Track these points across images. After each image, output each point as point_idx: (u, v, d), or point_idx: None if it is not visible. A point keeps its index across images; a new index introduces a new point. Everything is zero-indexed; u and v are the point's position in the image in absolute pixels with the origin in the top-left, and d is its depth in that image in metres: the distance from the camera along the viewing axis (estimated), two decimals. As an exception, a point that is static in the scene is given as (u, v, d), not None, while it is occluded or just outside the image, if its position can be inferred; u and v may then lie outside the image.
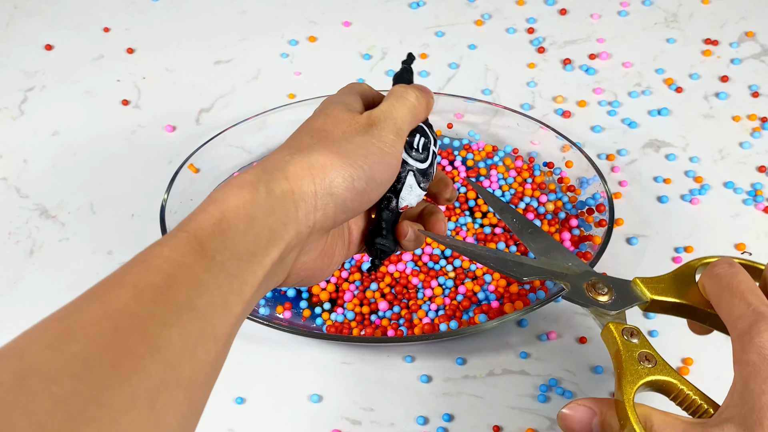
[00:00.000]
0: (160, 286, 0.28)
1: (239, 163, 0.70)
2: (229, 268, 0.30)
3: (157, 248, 0.30)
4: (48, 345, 0.25)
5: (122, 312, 0.27)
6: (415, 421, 0.57)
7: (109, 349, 0.25)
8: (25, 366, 0.24)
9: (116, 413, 0.24)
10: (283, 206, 0.34)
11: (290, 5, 0.86)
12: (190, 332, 0.28)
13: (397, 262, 0.63)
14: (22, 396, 0.23)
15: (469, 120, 0.72)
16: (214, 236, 0.31)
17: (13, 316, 0.63)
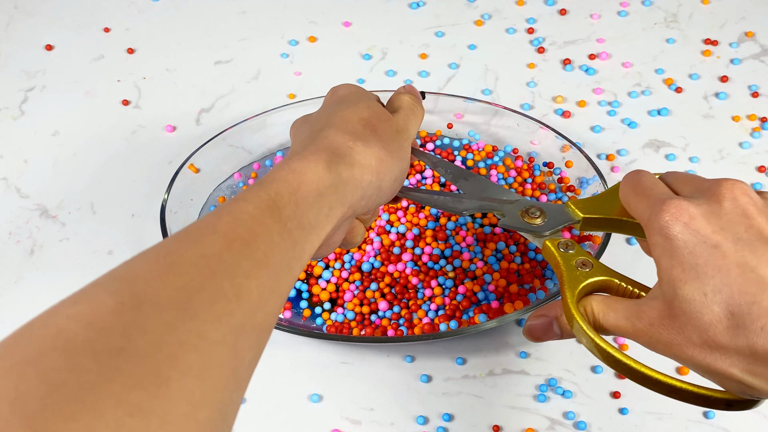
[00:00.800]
0: (246, 240, 0.32)
1: (239, 163, 0.70)
2: (295, 235, 0.35)
3: (242, 204, 0.34)
4: (157, 276, 0.28)
5: (215, 257, 0.30)
6: (415, 421, 0.57)
7: (205, 288, 0.29)
8: (139, 292, 0.27)
9: (211, 345, 0.27)
10: (344, 189, 0.38)
11: (290, 5, 0.86)
12: (265, 286, 0.32)
13: (397, 262, 0.63)
14: (140, 318, 0.26)
15: (469, 120, 0.72)
16: (289, 204, 0.35)
17: (13, 316, 0.63)
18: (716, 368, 0.35)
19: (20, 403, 0.22)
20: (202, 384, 0.26)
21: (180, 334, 0.27)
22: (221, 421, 0.28)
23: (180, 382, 0.25)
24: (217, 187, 0.69)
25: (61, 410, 0.22)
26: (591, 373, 0.59)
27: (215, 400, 0.27)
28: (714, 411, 0.56)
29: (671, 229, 0.36)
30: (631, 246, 0.66)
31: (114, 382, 0.24)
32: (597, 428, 0.56)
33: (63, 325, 0.25)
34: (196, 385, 0.26)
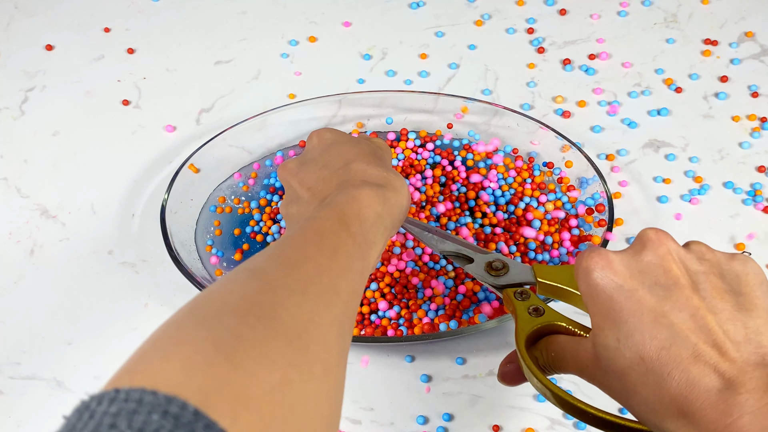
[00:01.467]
0: (332, 249, 0.39)
1: (239, 163, 0.70)
2: (363, 249, 0.42)
3: (320, 221, 0.41)
4: (280, 269, 0.35)
5: (314, 260, 0.37)
6: (415, 420, 0.57)
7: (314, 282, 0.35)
8: (272, 279, 0.34)
9: (327, 326, 0.33)
10: (392, 211, 0.46)
11: (290, 5, 0.86)
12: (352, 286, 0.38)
13: (397, 263, 0.63)
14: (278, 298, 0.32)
15: (469, 120, 0.72)
16: (355, 223, 0.42)
17: (13, 316, 0.63)
18: (641, 415, 0.35)
19: (219, 346, 0.28)
20: (327, 353, 0.32)
21: (306, 314, 0.32)
22: (341, 388, 0.34)
23: (315, 349, 0.31)
24: (217, 187, 0.69)
25: (248, 355, 0.28)
26: (591, 373, 0.59)
27: (336, 368, 0.33)
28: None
29: (591, 274, 0.37)
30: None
31: (276, 340, 0.30)
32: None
33: (225, 297, 0.32)
34: (323, 353, 0.32)
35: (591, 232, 0.64)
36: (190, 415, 0.24)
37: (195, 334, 0.28)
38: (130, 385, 0.25)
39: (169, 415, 0.24)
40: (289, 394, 0.28)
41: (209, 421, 0.24)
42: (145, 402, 0.24)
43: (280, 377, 0.28)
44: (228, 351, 0.27)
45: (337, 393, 0.33)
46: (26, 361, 0.60)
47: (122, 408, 0.24)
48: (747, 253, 0.65)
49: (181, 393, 0.25)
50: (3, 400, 0.58)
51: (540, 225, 0.64)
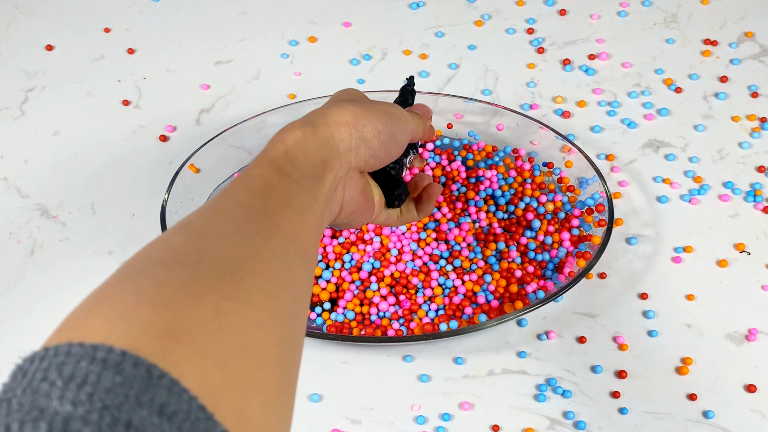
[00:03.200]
0: (263, 191, 0.39)
1: (239, 163, 0.70)
2: (302, 184, 0.41)
3: (249, 171, 0.41)
4: (209, 218, 0.36)
5: (246, 204, 0.37)
6: (415, 420, 0.57)
7: (248, 222, 0.36)
8: (199, 228, 0.34)
9: (267, 258, 0.34)
10: (327, 143, 0.44)
11: (290, 6, 0.86)
12: (294, 220, 0.38)
13: (397, 263, 0.63)
14: (206, 243, 0.33)
15: (469, 120, 0.72)
16: (286, 162, 0.42)
17: (14, 316, 0.63)
18: None
19: (142, 295, 0.29)
20: (268, 283, 0.33)
21: (240, 250, 0.33)
22: (293, 316, 0.34)
23: (252, 281, 0.32)
24: (217, 187, 0.69)
25: (173, 297, 0.29)
26: (590, 372, 0.59)
27: (283, 297, 0.33)
28: (713, 411, 0.56)
29: None
30: (630, 246, 0.66)
31: (203, 279, 0.30)
32: (596, 428, 0.56)
33: (150, 253, 0.32)
34: (263, 283, 0.32)
35: (591, 232, 0.64)
36: (118, 356, 0.25)
37: (118, 288, 0.29)
38: (58, 342, 0.26)
39: (96, 360, 0.25)
40: (225, 324, 0.29)
41: (138, 359, 0.25)
42: (73, 353, 0.25)
43: (212, 310, 0.29)
44: (151, 297, 0.28)
45: (287, 318, 0.33)
46: (26, 361, 0.60)
47: (52, 362, 0.25)
48: (747, 253, 0.65)
49: (107, 340, 0.26)
50: (3, 400, 0.58)
51: (540, 225, 0.64)
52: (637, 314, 0.62)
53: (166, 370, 0.26)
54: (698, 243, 0.66)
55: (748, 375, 0.58)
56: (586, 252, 0.63)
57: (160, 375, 0.25)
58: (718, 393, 0.58)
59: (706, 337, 0.61)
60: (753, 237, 0.66)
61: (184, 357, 0.27)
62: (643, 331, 0.61)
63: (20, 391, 0.24)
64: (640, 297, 0.63)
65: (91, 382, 0.24)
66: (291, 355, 0.33)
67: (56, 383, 0.24)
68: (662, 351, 0.60)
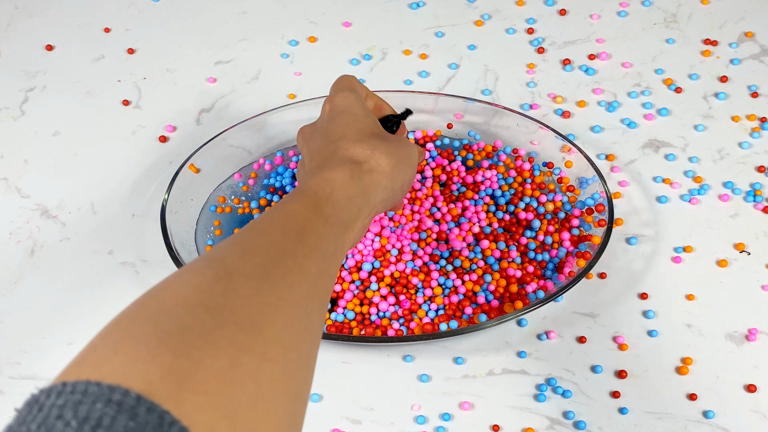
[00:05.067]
0: (298, 231, 0.40)
1: (239, 163, 0.70)
2: (335, 229, 0.42)
3: (290, 204, 0.42)
4: (238, 256, 0.36)
5: (279, 243, 0.38)
6: (415, 420, 0.57)
7: (277, 264, 0.36)
8: (228, 266, 0.35)
9: (288, 306, 0.35)
10: (367, 192, 0.46)
11: (290, 5, 0.86)
12: (320, 266, 0.39)
13: (397, 263, 0.63)
14: (233, 284, 0.34)
15: (469, 120, 0.72)
16: (327, 205, 0.43)
17: (14, 316, 0.63)
18: None
19: (165, 339, 0.29)
20: (286, 333, 0.34)
21: (264, 297, 0.34)
22: (306, 365, 0.35)
23: (271, 330, 0.33)
24: (217, 187, 0.69)
25: (193, 344, 0.29)
26: (590, 372, 0.59)
27: (299, 347, 0.34)
28: (713, 411, 0.56)
29: None
30: (630, 246, 0.66)
31: (224, 327, 0.31)
32: (596, 428, 0.56)
33: (177, 289, 0.33)
34: (282, 333, 0.33)
35: (591, 232, 0.64)
36: (133, 400, 0.26)
37: (142, 329, 0.30)
38: (77, 378, 0.27)
39: (112, 402, 0.25)
40: (240, 376, 0.29)
41: (152, 405, 0.26)
42: (90, 392, 0.26)
43: (228, 361, 0.29)
44: (172, 342, 0.29)
45: (300, 370, 0.34)
46: (26, 361, 0.60)
47: (68, 399, 0.26)
48: (747, 253, 0.65)
49: (125, 383, 0.26)
50: (3, 400, 0.58)
51: (540, 225, 0.64)
52: (637, 314, 0.62)
53: (178, 418, 0.26)
54: (698, 243, 0.66)
55: (748, 375, 0.58)
56: (586, 252, 0.63)
57: (172, 422, 0.26)
58: (718, 393, 0.58)
59: (706, 337, 0.61)
60: (753, 237, 0.66)
61: (197, 407, 0.27)
62: (643, 331, 0.61)
63: (35, 427, 0.25)
64: (640, 297, 0.63)
65: (105, 425, 0.25)
66: (300, 406, 0.34)
67: (71, 423, 0.25)
68: (662, 351, 0.60)
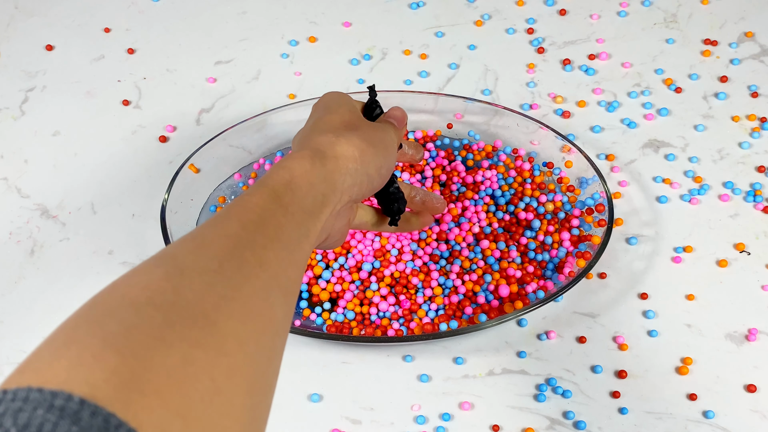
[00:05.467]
0: (256, 222, 0.38)
1: (239, 163, 0.70)
2: (297, 217, 0.41)
3: (247, 197, 0.40)
4: (191, 251, 0.35)
5: (235, 236, 0.37)
6: (415, 420, 0.57)
7: (232, 256, 0.35)
8: (180, 263, 0.34)
9: (246, 297, 0.33)
10: (332, 177, 0.44)
11: (290, 6, 0.86)
12: (281, 256, 0.38)
13: (397, 263, 0.63)
14: (185, 280, 0.32)
15: (469, 120, 0.72)
16: (287, 193, 0.41)
17: (13, 316, 0.63)
18: None
19: (109, 340, 0.28)
20: (243, 326, 0.32)
21: (219, 290, 0.33)
22: (267, 359, 0.34)
23: (226, 324, 0.31)
24: (217, 187, 0.69)
25: (140, 343, 0.28)
26: (590, 372, 0.59)
27: (258, 339, 0.33)
28: (713, 411, 0.56)
29: None
30: (630, 246, 0.66)
31: (175, 325, 0.30)
32: (596, 428, 0.56)
33: (125, 290, 0.32)
34: (239, 326, 0.32)
35: (591, 232, 0.64)
36: (76, 405, 0.25)
37: (86, 332, 0.29)
38: (18, 384, 0.26)
39: (54, 408, 0.25)
40: (193, 373, 0.29)
41: (96, 408, 0.25)
42: (31, 399, 0.25)
43: (180, 358, 0.28)
44: (118, 343, 0.28)
45: (260, 362, 0.33)
46: (26, 361, 0.60)
47: (8, 407, 0.25)
48: (747, 253, 0.65)
49: (67, 387, 0.25)
50: (3, 400, 0.58)
51: (540, 225, 0.64)
52: (637, 314, 0.62)
53: (125, 420, 0.25)
54: (698, 243, 0.66)
55: (748, 375, 0.58)
56: (586, 252, 0.63)
57: (118, 425, 0.25)
58: (718, 393, 0.58)
59: (706, 337, 0.61)
60: (753, 237, 0.66)
61: (146, 407, 0.26)
62: (643, 331, 0.61)
63: None
64: (640, 297, 0.63)
65: (46, 431, 0.24)
66: (262, 399, 0.33)
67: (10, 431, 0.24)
68: (662, 351, 0.60)
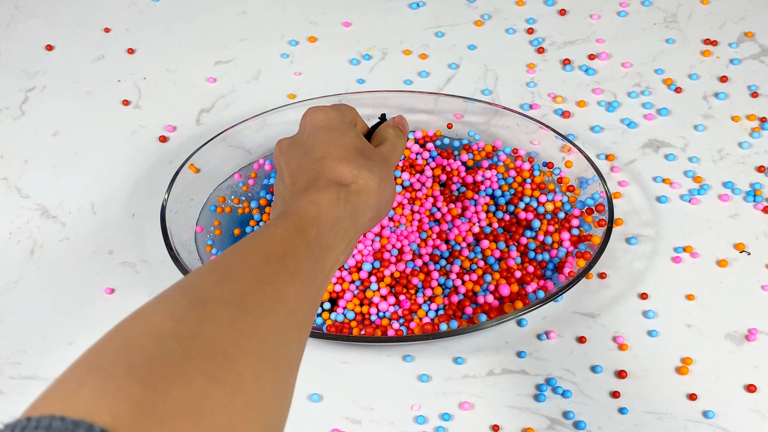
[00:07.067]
0: (279, 256, 0.39)
1: (239, 163, 0.70)
2: (317, 253, 0.42)
3: (273, 228, 0.41)
4: (216, 282, 0.36)
5: (258, 269, 0.37)
6: (415, 420, 0.57)
7: (254, 291, 0.36)
8: (204, 294, 0.34)
9: (264, 334, 0.34)
10: (355, 214, 0.46)
11: (290, 6, 0.86)
12: (299, 291, 0.39)
13: (397, 263, 0.63)
14: (208, 312, 0.33)
15: (469, 120, 0.72)
16: (312, 228, 0.42)
17: (13, 316, 0.63)
18: None
19: (133, 372, 0.29)
20: (261, 362, 0.33)
21: (239, 325, 0.33)
22: (282, 393, 0.35)
23: (244, 360, 0.32)
24: (217, 187, 0.69)
25: (161, 376, 0.29)
26: (590, 372, 0.59)
27: (274, 375, 0.34)
28: (713, 411, 0.56)
29: None
30: (630, 246, 0.66)
31: (195, 358, 0.30)
32: (596, 428, 0.56)
33: (150, 318, 0.32)
34: (256, 362, 0.33)
35: (591, 232, 0.64)
36: None
37: (110, 361, 0.29)
38: (42, 412, 0.26)
39: None
40: (210, 408, 0.29)
41: None
42: (54, 427, 0.25)
43: (198, 393, 0.29)
44: (140, 374, 0.29)
45: (275, 399, 0.34)
46: (26, 361, 0.60)
47: None
48: (747, 253, 0.65)
49: (89, 417, 0.26)
50: (3, 400, 0.58)
51: (540, 225, 0.64)
52: (637, 314, 0.62)
53: None
54: (698, 243, 0.66)
55: (748, 375, 0.59)
56: (586, 252, 0.63)
57: None
58: (718, 393, 0.58)
59: (706, 337, 0.61)
60: (753, 237, 0.66)
61: None
62: (643, 331, 0.61)
63: None
64: (640, 297, 0.63)
65: None
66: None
67: None
68: (662, 351, 0.60)
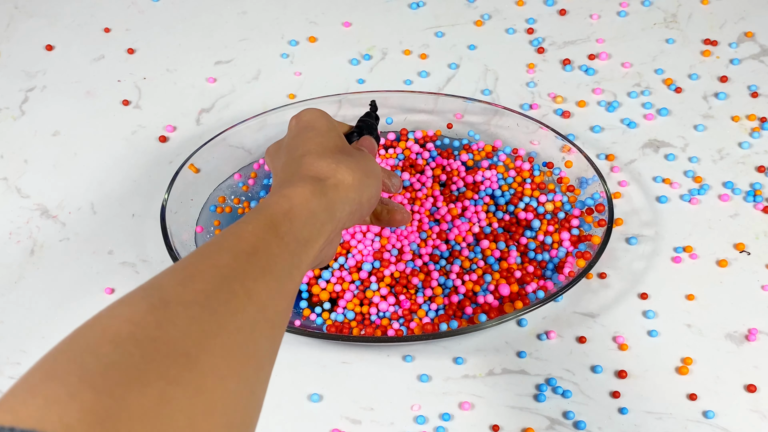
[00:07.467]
0: (249, 252, 0.38)
1: (239, 163, 0.70)
2: (292, 247, 0.40)
3: (243, 225, 0.40)
4: (179, 283, 0.34)
5: (225, 267, 0.36)
6: (415, 420, 0.57)
7: (221, 289, 0.34)
8: (166, 295, 0.33)
9: (230, 333, 0.33)
10: (332, 207, 0.44)
11: (290, 6, 0.86)
12: (271, 288, 0.37)
13: (397, 263, 0.63)
14: (169, 314, 0.32)
15: (469, 120, 0.72)
16: (284, 222, 0.41)
17: (13, 316, 0.63)
18: None
19: (86, 378, 0.28)
20: (225, 362, 0.32)
21: (203, 325, 0.32)
22: (249, 393, 0.34)
23: (207, 360, 0.31)
24: (217, 187, 0.69)
25: (117, 381, 0.28)
26: (590, 372, 0.59)
27: (240, 374, 0.33)
28: (713, 411, 0.56)
29: None
30: (630, 246, 0.66)
31: (154, 361, 0.29)
32: (596, 428, 0.56)
33: (108, 323, 0.31)
34: (220, 362, 0.32)
35: (591, 232, 0.64)
36: None
37: (64, 368, 0.29)
38: None
39: None
40: (169, 412, 0.28)
41: None
42: None
43: (156, 397, 0.28)
44: (95, 381, 0.28)
45: (241, 399, 0.33)
46: (26, 361, 0.60)
47: None
48: (746, 253, 0.65)
49: (40, 426, 0.25)
50: (3, 400, 0.58)
51: (540, 225, 0.64)
52: (637, 314, 0.62)
53: None
54: (698, 243, 0.66)
55: (748, 375, 0.59)
56: (586, 252, 0.63)
57: None
58: (718, 393, 0.58)
59: (706, 337, 0.61)
60: (753, 237, 0.66)
61: None
62: (643, 331, 0.61)
63: None
64: (640, 297, 0.63)
65: None
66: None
67: None
68: (662, 351, 0.60)
